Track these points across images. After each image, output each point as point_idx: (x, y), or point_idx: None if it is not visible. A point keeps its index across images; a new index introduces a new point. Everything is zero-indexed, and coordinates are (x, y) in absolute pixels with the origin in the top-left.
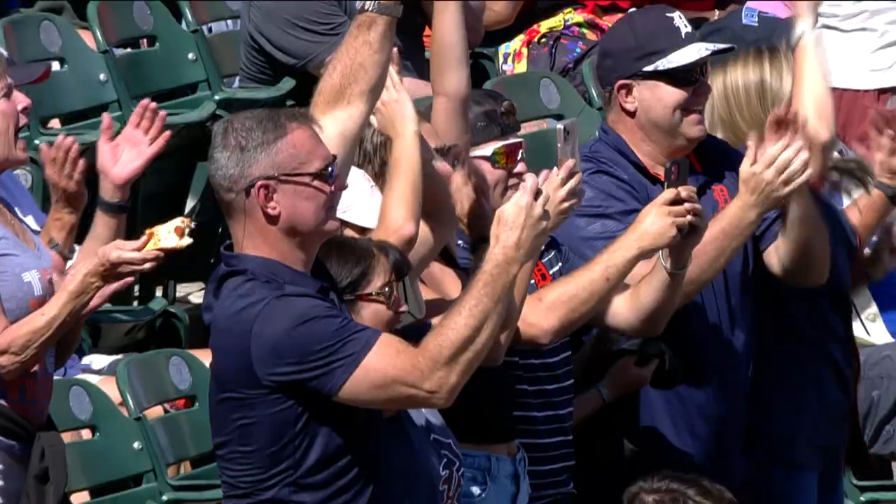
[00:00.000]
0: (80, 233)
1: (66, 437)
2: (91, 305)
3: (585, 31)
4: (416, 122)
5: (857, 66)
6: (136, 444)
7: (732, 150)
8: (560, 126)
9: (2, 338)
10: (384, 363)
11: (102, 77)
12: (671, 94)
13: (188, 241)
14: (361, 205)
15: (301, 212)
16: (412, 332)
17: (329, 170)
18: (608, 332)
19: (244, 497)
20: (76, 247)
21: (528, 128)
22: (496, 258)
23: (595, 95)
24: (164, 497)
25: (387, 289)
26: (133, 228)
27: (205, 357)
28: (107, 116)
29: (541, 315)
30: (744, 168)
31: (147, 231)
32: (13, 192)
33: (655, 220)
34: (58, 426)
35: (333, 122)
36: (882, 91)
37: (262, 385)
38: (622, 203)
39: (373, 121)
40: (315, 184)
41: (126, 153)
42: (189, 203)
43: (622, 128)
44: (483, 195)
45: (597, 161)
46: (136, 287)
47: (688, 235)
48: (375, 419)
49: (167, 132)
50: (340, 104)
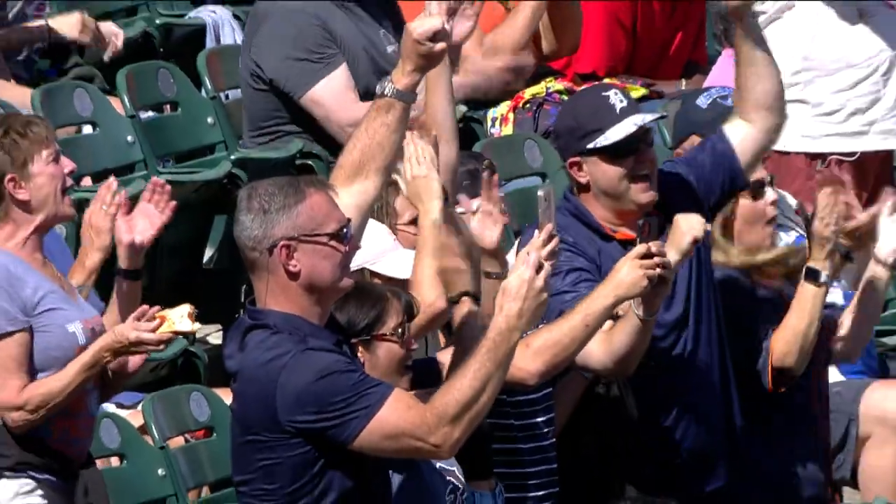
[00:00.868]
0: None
1: (97, 465)
2: (132, 368)
3: (565, 98)
4: (442, 199)
5: (789, 131)
6: (160, 471)
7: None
8: (540, 193)
9: (21, 395)
10: (396, 417)
11: (130, 139)
12: (614, 168)
13: (199, 326)
14: (388, 257)
15: (320, 270)
16: (421, 369)
17: (344, 231)
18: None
19: None
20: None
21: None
22: (499, 326)
23: None
24: None
25: (399, 329)
26: (156, 276)
27: (222, 393)
28: (123, 194)
29: (528, 360)
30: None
31: (158, 315)
32: (52, 250)
33: (629, 272)
34: (91, 454)
35: (351, 194)
36: (811, 156)
37: (284, 430)
38: (567, 263)
39: (399, 183)
40: (332, 244)
41: (140, 224)
42: (207, 252)
43: (582, 196)
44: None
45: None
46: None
47: (657, 285)
48: (385, 462)
49: (173, 203)
50: (359, 178)
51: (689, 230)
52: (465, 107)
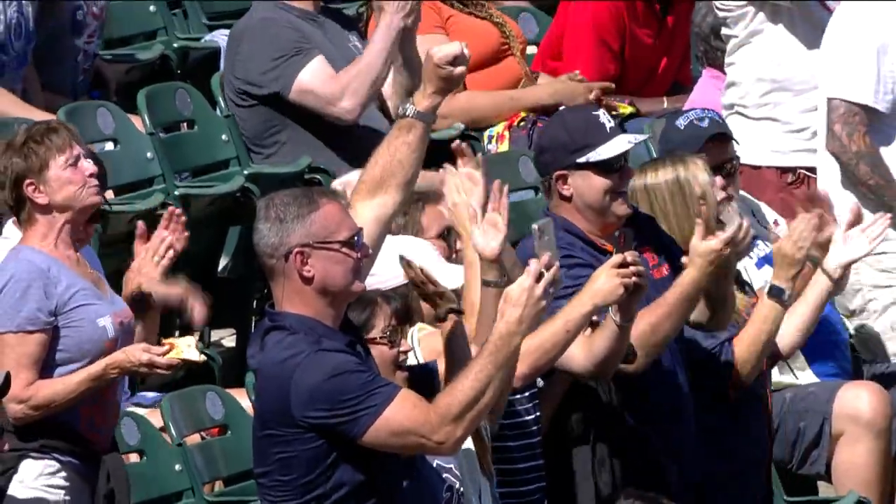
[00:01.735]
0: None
1: None
2: (161, 368)
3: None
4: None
5: (761, 147)
6: (178, 466)
7: (650, 219)
8: (535, 226)
9: (27, 390)
10: (402, 415)
11: (149, 155)
12: (601, 182)
13: (203, 358)
14: (433, 270)
15: (332, 274)
16: (420, 375)
17: (355, 238)
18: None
19: None
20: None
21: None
22: (500, 331)
23: None
24: None
25: (388, 331)
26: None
27: (236, 393)
28: (141, 224)
29: None
30: (699, 244)
31: (167, 342)
32: (89, 253)
33: (606, 281)
34: (115, 440)
35: (371, 208)
36: (782, 170)
37: (298, 425)
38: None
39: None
40: (344, 250)
41: (146, 266)
42: (222, 262)
43: (562, 210)
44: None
45: (560, 246)
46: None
47: (633, 293)
48: (392, 457)
49: (187, 233)
50: (379, 193)
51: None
52: (463, 125)
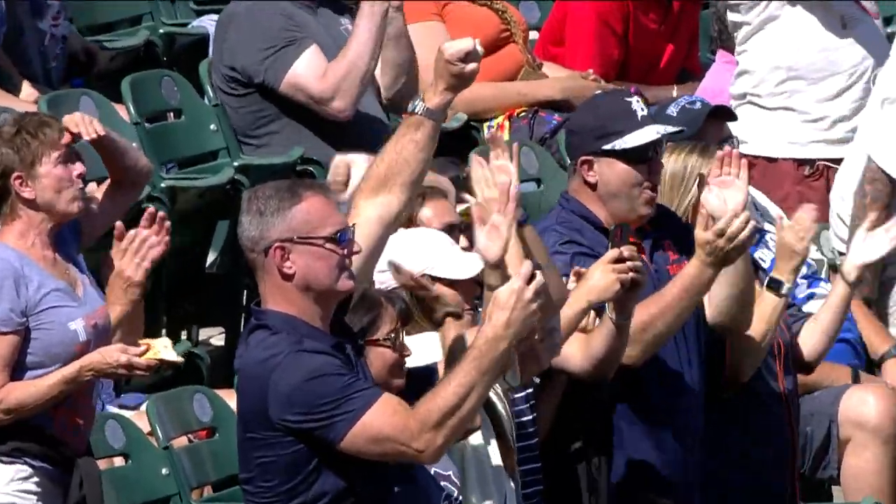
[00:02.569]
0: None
1: (102, 465)
2: (140, 369)
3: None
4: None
5: (777, 139)
6: (164, 471)
7: (672, 213)
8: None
9: None
10: (380, 421)
11: (134, 146)
12: (627, 171)
13: (182, 359)
14: (444, 260)
15: (314, 271)
16: (419, 375)
17: (340, 234)
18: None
19: None
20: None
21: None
22: (486, 335)
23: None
24: None
25: (392, 334)
26: (160, 282)
27: (224, 394)
28: (119, 224)
29: None
30: (699, 234)
31: (143, 342)
32: (66, 238)
33: (601, 277)
34: (95, 455)
35: (374, 207)
36: (799, 162)
37: (276, 428)
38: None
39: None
40: (327, 246)
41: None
42: (210, 257)
43: (584, 196)
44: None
45: (566, 230)
46: (164, 331)
47: (630, 289)
48: (383, 464)
49: (167, 238)
50: (383, 192)
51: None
52: (466, 116)
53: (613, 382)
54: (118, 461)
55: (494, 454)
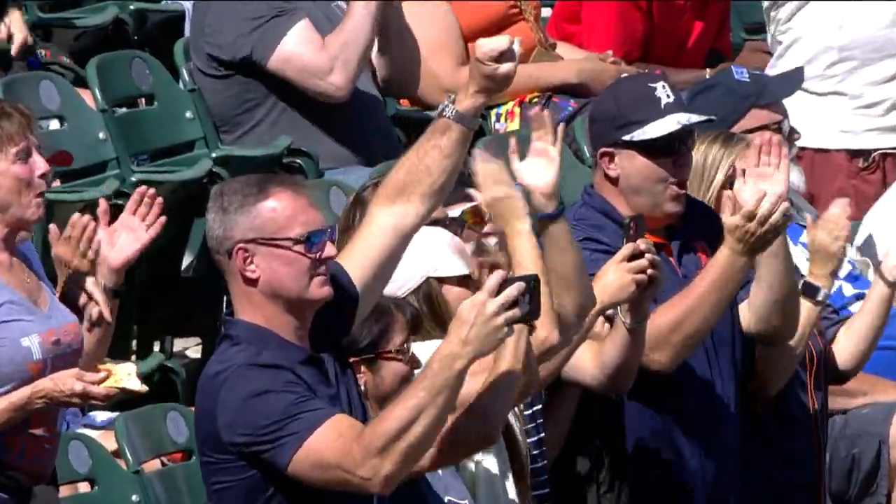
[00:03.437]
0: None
1: (66, 491)
2: (98, 399)
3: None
4: (528, 218)
5: (828, 127)
6: (135, 497)
7: (707, 209)
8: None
9: None
10: (323, 445)
11: (101, 135)
12: (648, 166)
13: (145, 388)
14: (446, 258)
15: (280, 276)
16: None
17: (311, 237)
18: None
19: None
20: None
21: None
22: (441, 352)
23: (587, 152)
24: None
25: (405, 345)
26: (130, 287)
27: None
28: (103, 202)
29: None
30: (727, 219)
31: (103, 368)
32: (30, 251)
33: (616, 276)
34: (58, 479)
35: (389, 215)
36: (853, 153)
37: (227, 451)
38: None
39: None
40: (295, 249)
41: (123, 238)
42: (186, 260)
43: (607, 190)
44: None
45: (584, 227)
46: (134, 342)
47: (646, 288)
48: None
49: (163, 218)
50: (400, 200)
51: None
52: None
53: (639, 394)
54: (83, 487)
55: (511, 488)
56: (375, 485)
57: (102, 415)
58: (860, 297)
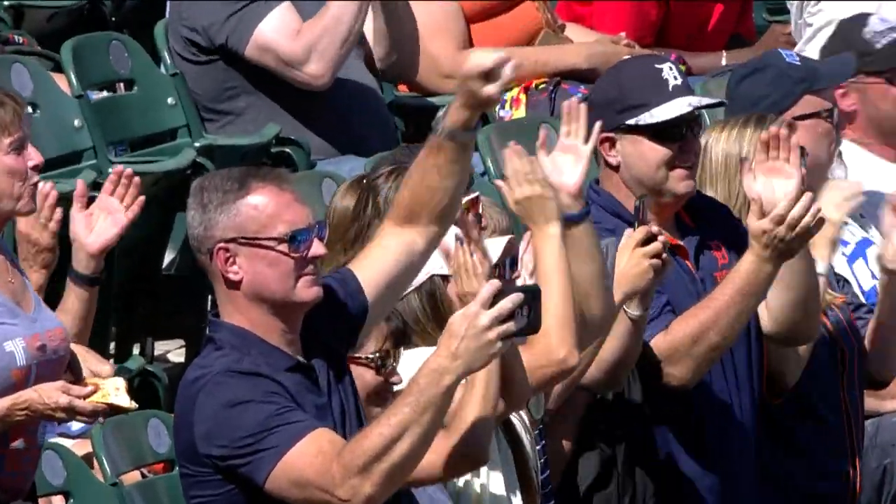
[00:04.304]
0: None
1: None
2: (83, 414)
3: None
4: (560, 222)
5: None
6: None
7: (720, 206)
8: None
9: None
10: (302, 462)
11: (77, 123)
12: (654, 151)
13: (135, 405)
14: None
15: (263, 278)
16: None
17: (296, 235)
18: None
19: None
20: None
21: None
22: (429, 366)
23: None
24: None
25: (377, 354)
26: (109, 284)
27: None
28: (81, 183)
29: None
30: (754, 224)
31: (91, 381)
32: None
33: (633, 263)
34: (36, 493)
35: (397, 239)
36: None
37: (204, 463)
38: None
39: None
40: (278, 248)
41: (101, 221)
42: (167, 256)
43: (609, 184)
44: None
45: (599, 231)
46: (112, 345)
47: (657, 273)
48: None
49: (142, 198)
50: (408, 225)
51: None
52: None
53: (657, 409)
54: (57, 501)
55: (517, 501)
56: None
57: (78, 423)
58: None
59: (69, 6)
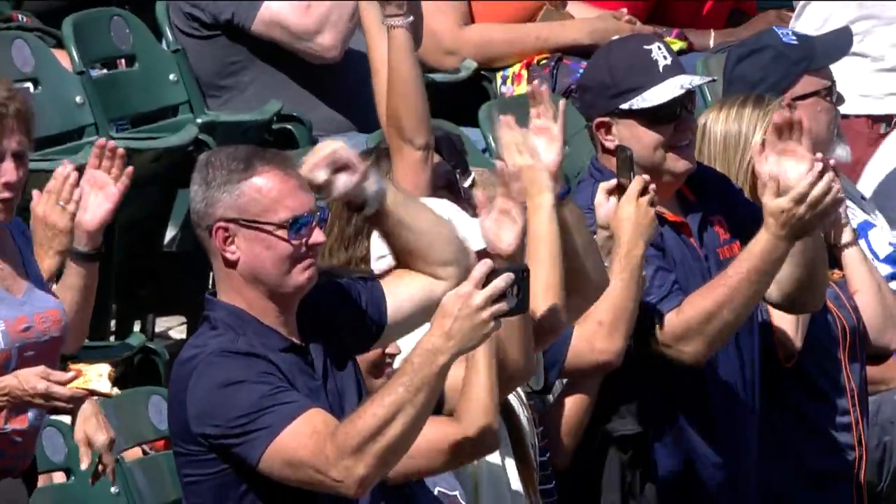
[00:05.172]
0: None
1: (41, 481)
2: (62, 401)
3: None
4: (553, 192)
5: (847, 92)
6: (114, 489)
7: (721, 177)
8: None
9: None
10: (296, 442)
11: (78, 99)
12: (650, 135)
13: (118, 392)
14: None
15: (260, 260)
16: None
17: (297, 221)
18: None
19: None
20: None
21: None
22: (423, 346)
23: None
24: None
25: None
26: (109, 261)
27: None
28: (70, 167)
29: (605, 338)
30: (771, 202)
31: (73, 367)
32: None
33: (642, 212)
34: (37, 470)
35: (419, 279)
36: (875, 119)
37: (198, 443)
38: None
39: None
40: (279, 234)
41: (93, 198)
42: (169, 233)
43: (611, 165)
44: None
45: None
46: (113, 322)
47: None
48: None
49: (130, 168)
50: (420, 272)
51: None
52: (476, 64)
53: (667, 386)
54: (58, 477)
55: (514, 476)
56: (348, 487)
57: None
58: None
59: None
